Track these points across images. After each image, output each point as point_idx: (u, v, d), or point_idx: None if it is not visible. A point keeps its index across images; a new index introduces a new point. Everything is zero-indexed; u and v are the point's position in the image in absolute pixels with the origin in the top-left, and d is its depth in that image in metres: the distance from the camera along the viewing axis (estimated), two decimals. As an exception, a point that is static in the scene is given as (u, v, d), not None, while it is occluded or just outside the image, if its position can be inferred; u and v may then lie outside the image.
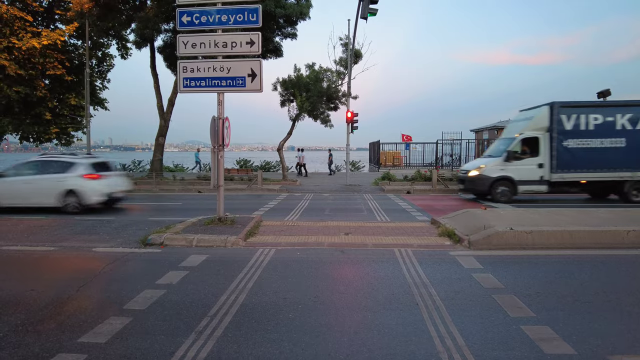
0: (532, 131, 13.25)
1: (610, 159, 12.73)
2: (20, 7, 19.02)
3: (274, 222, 8.96)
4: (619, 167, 12.76)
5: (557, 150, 12.81)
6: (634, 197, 12.94)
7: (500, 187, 13.18)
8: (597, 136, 12.74)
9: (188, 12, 7.83)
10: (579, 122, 12.75)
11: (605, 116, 12.72)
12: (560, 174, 12.93)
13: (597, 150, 12.75)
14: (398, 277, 5.11)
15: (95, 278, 5.17)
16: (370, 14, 15.94)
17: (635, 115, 12.72)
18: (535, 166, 13.08)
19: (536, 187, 13.21)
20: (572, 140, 12.79)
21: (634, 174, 12.82)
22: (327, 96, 19.97)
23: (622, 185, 12.97)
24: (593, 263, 5.73)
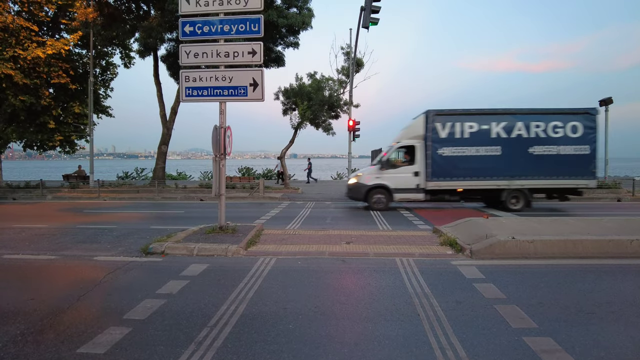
0: (408, 139, 13.32)
1: (487, 167, 12.77)
2: (26, 17, 19.30)
3: (275, 230, 8.95)
4: (496, 175, 12.77)
5: (432, 159, 12.86)
6: (511, 206, 12.95)
7: (376, 195, 13.23)
8: (472, 144, 12.78)
9: (191, 22, 7.92)
10: (454, 130, 12.80)
11: (480, 124, 12.78)
12: (435, 182, 12.96)
13: (473, 159, 12.78)
14: (399, 287, 5.07)
15: (96, 287, 5.16)
16: (372, 24, 16.07)
17: (510, 123, 12.76)
18: (411, 174, 13.13)
19: (412, 195, 13.26)
20: (447, 149, 12.83)
21: (511, 182, 12.84)
22: (329, 105, 20.07)
23: (500, 193, 12.96)
24: (596, 273, 5.69)
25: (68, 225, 10.20)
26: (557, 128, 12.69)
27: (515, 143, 12.73)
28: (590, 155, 12.75)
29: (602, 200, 16.01)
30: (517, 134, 12.74)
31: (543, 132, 12.73)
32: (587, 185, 12.97)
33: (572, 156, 12.70)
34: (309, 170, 26.49)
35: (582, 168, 12.73)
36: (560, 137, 12.72)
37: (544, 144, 12.73)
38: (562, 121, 12.72)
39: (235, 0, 7.70)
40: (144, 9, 19.43)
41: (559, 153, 12.72)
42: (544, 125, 12.72)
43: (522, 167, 12.75)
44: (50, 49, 18.32)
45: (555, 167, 12.71)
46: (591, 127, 12.76)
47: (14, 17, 18.58)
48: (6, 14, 18.31)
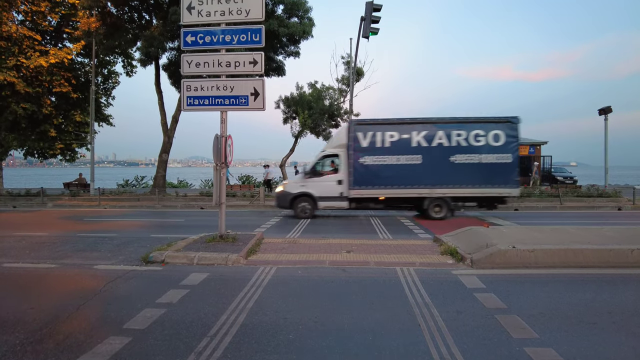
0: (333, 148, 13.45)
1: (408, 175, 12.81)
2: (29, 27, 19.50)
3: (276, 239, 8.95)
4: (417, 183, 12.81)
5: (354, 167, 12.94)
6: (434, 214, 13.01)
7: (301, 203, 13.33)
8: (393, 153, 12.85)
9: (193, 32, 8.00)
10: (375, 139, 12.88)
11: (401, 134, 12.86)
12: (357, 190, 13.02)
13: (394, 167, 12.83)
14: (400, 297, 5.06)
15: (96, 296, 5.15)
16: (372, 34, 16.20)
17: (431, 132, 12.83)
18: (335, 182, 13.22)
19: (336, 203, 13.34)
20: (368, 157, 12.90)
21: (432, 191, 12.88)
22: (329, 114, 20.18)
23: (422, 201, 13.02)
24: (598, 282, 5.67)
25: (68, 233, 10.20)
26: (478, 137, 12.74)
27: (436, 152, 12.81)
28: (513, 164, 12.78)
29: (602, 209, 16.00)
30: (438, 142, 12.81)
31: (465, 140, 12.77)
32: (509, 194, 13.02)
33: (494, 165, 12.73)
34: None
35: (504, 177, 12.74)
36: (482, 145, 12.76)
37: (465, 153, 12.77)
38: (484, 130, 12.77)
39: (237, 11, 7.78)
40: (146, 19, 19.61)
41: (481, 162, 12.75)
42: (465, 134, 12.77)
43: (444, 176, 12.81)
44: (53, 58, 18.49)
45: (477, 176, 12.76)
46: (513, 136, 12.79)
47: (17, 26, 18.78)
48: (10, 24, 18.51)
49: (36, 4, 19.01)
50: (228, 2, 7.78)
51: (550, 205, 16.31)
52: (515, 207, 16.06)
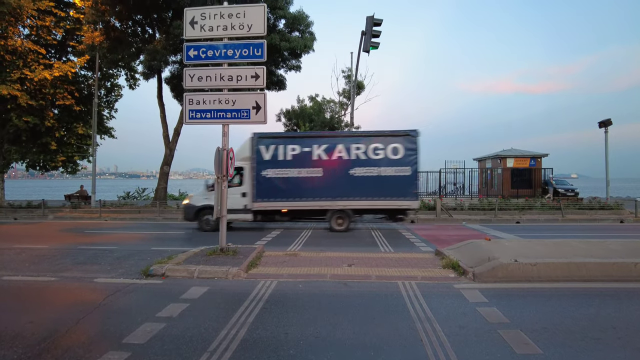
0: (238, 161, 13.32)
1: (309, 188, 12.93)
2: (34, 40, 19.75)
3: (276, 252, 8.91)
4: (319, 196, 12.88)
5: (257, 180, 13.04)
6: (336, 226, 13.11)
7: (205, 215, 13.31)
8: (295, 166, 12.96)
9: (195, 46, 8.10)
10: (277, 152, 13.02)
11: (302, 147, 12.99)
12: (260, 203, 13.09)
13: (296, 180, 12.96)
14: (402, 312, 5.01)
15: (95, 310, 5.11)
16: (372, 47, 16.39)
17: (331, 146, 12.95)
18: (239, 195, 13.21)
19: (241, 216, 13.36)
20: (271, 170, 13.02)
21: (333, 203, 12.96)
22: (330, 126, 20.27)
23: (325, 213, 13.11)
24: (601, 297, 5.62)
25: (69, 246, 10.18)
26: (377, 150, 12.85)
27: (336, 165, 12.94)
28: (412, 177, 12.87)
29: (604, 222, 15.93)
30: (338, 156, 12.95)
31: (364, 154, 12.89)
32: (409, 206, 13.06)
33: (394, 177, 12.80)
34: None
35: (403, 189, 12.81)
36: (381, 159, 12.87)
37: (364, 166, 12.87)
38: (383, 143, 12.89)
39: (239, 26, 7.88)
40: (149, 33, 19.88)
41: (380, 174, 12.82)
42: (364, 147, 12.90)
43: (344, 188, 12.90)
44: (57, 72, 18.70)
45: (376, 188, 12.83)
46: (412, 149, 12.89)
47: (23, 40, 19.05)
48: (16, 38, 18.77)
49: (41, 18, 19.30)
50: (230, 17, 7.89)
51: (552, 218, 16.25)
52: (517, 219, 16.01)
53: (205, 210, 13.28)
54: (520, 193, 25.18)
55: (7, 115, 18.93)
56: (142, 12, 18.04)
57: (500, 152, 29.31)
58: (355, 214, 13.34)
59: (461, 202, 18.78)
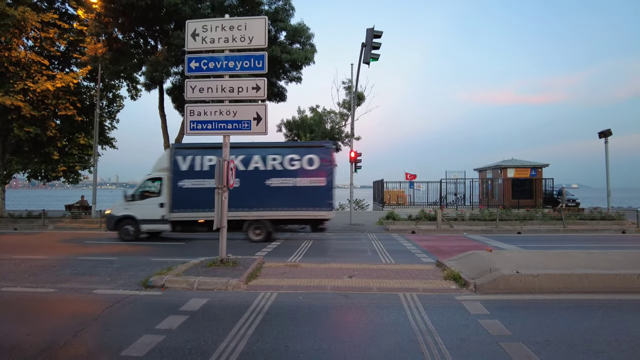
0: (158, 171, 13.62)
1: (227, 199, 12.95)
2: (38, 52, 19.94)
3: (277, 263, 8.87)
4: (236, 206, 12.71)
5: (174, 190, 13.09)
6: (253, 236, 13.16)
7: (125, 225, 13.37)
8: (211, 177, 12.58)
9: (197, 58, 8.17)
10: (194, 163, 13.10)
11: (219, 157, 13.00)
12: (177, 213, 13.12)
13: (213, 191, 12.91)
14: (403, 324, 4.97)
15: (94, 322, 5.07)
16: (373, 59, 16.51)
17: (248, 157, 13.09)
18: (157, 205, 13.29)
19: (159, 226, 13.45)
20: (187, 181, 13.07)
21: (250, 213, 13.01)
22: (331, 137, 20.35)
23: (242, 224, 13.12)
24: (604, 309, 5.57)
25: (68, 256, 10.14)
26: (293, 161, 12.98)
27: (252, 175, 13.02)
28: (327, 187, 12.97)
29: (606, 232, 15.86)
30: (254, 166, 13.07)
31: (280, 164, 13.05)
32: (324, 217, 13.11)
33: (309, 188, 12.95)
34: None
35: (318, 200, 12.91)
36: (297, 169, 13.01)
37: (280, 177, 13.01)
38: (298, 154, 13.05)
39: (240, 38, 7.96)
40: (152, 44, 20.08)
41: (296, 185, 12.96)
42: (280, 158, 13.06)
43: (261, 199, 12.98)
44: (60, 82, 18.84)
45: (292, 199, 12.94)
46: (327, 160, 13.05)
47: (26, 52, 19.24)
48: (20, 49, 18.96)
49: (45, 30, 19.50)
50: (232, 30, 7.97)
51: (553, 229, 16.19)
52: (518, 230, 15.95)
53: (125, 220, 13.42)
54: (521, 203, 25.15)
55: (10, 125, 19.03)
56: (145, 24, 18.25)
57: (500, 163, 29.35)
58: (275, 225, 13.35)
59: (462, 213, 18.73)
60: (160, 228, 13.56)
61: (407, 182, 30.31)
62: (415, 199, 30.54)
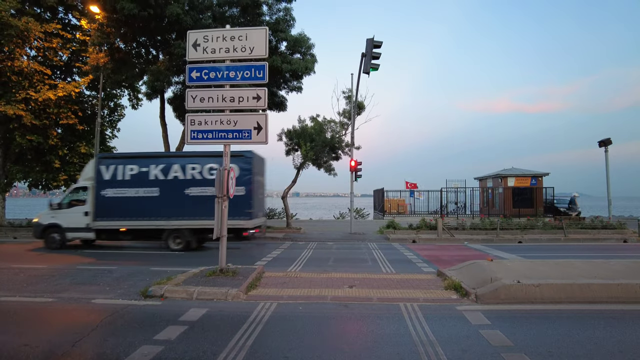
0: (84, 181, 13.84)
1: (147, 207, 13.06)
2: (40, 62, 20.09)
3: (277, 273, 8.82)
4: (155, 215, 13.00)
5: (97, 199, 13.24)
6: (173, 245, 13.24)
7: (51, 234, 13.48)
8: (133, 186, 13.17)
9: (198, 68, 8.22)
10: (117, 172, 13.22)
11: (140, 167, 13.23)
12: (101, 222, 13.25)
13: (134, 200, 13.12)
14: (404, 335, 4.93)
15: (93, 332, 5.04)
16: (373, 69, 16.62)
17: (167, 166, 13.20)
18: (82, 214, 13.45)
19: (84, 234, 13.61)
20: (110, 190, 13.19)
21: (169, 222, 13.08)
22: (331, 146, 20.37)
23: (162, 233, 13.21)
24: (606, 319, 5.52)
25: (68, 265, 10.10)
26: (213, 170, 12.91)
27: (172, 185, 13.10)
28: (246, 196, 12.94)
29: (607, 242, 15.80)
30: (174, 175, 13.12)
31: (199, 174, 13.06)
32: (243, 226, 12.99)
33: None
34: None
35: (238, 208, 12.71)
36: None
37: (200, 186, 13.02)
38: (218, 163, 12.96)
39: (241, 48, 8.02)
40: (153, 54, 20.22)
41: (215, 194, 12.87)
42: (200, 167, 13.08)
43: (180, 208, 13.00)
44: (61, 92, 18.93)
45: (211, 208, 12.92)
46: (247, 169, 13.07)
47: (29, 61, 19.38)
48: (22, 59, 19.10)
49: (48, 40, 19.65)
50: (233, 40, 8.04)
51: (554, 238, 16.13)
52: (519, 239, 15.90)
53: (51, 228, 13.51)
54: (522, 212, 25.09)
55: (11, 134, 19.10)
56: (147, 34, 18.41)
57: (501, 172, 29.36)
58: (196, 234, 13.34)
59: (463, 222, 18.69)
60: (86, 236, 13.73)
61: (408, 190, 30.31)
62: (415, 208, 30.52)
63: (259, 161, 14.04)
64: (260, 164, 14.33)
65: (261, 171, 14.58)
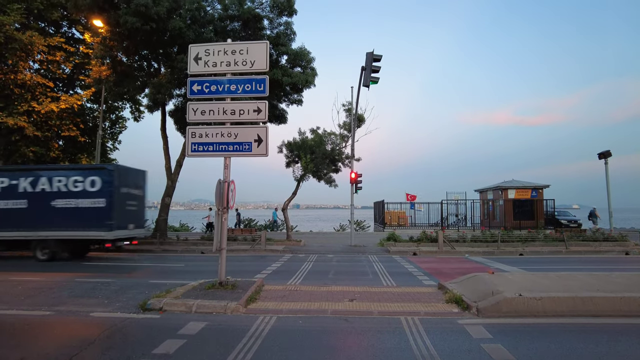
0: None
1: (15, 219, 13.43)
2: (43, 74, 20.29)
3: (276, 286, 8.76)
4: (23, 227, 13.34)
5: None
6: (40, 256, 13.49)
7: None
8: (2, 198, 13.59)
9: (199, 81, 8.30)
10: None
11: (10, 180, 13.67)
12: None
13: (3, 211, 13.52)
14: (405, 350, 4.87)
15: (90, 346, 4.98)
16: (372, 82, 16.76)
17: (35, 179, 13.57)
18: None
19: None
20: None
21: (35, 234, 13.38)
22: (331, 158, 20.42)
23: (29, 244, 13.53)
24: (610, 333, 5.46)
25: (66, 278, 10.04)
26: (77, 182, 13.46)
27: (39, 197, 13.46)
28: (106, 208, 13.33)
29: (609, 254, 15.70)
30: (41, 188, 13.52)
31: (64, 186, 13.49)
32: (103, 237, 13.34)
33: (91, 209, 13.38)
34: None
35: (99, 220, 13.28)
36: (80, 191, 13.48)
37: (65, 198, 13.44)
38: (82, 176, 13.56)
39: (242, 62, 8.11)
40: (155, 67, 20.40)
41: (78, 206, 13.41)
42: (65, 180, 13.50)
43: (46, 220, 13.35)
44: (64, 104, 19.09)
45: (75, 219, 13.39)
46: (109, 182, 13.46)
47: (32, 74, 19.57)
48: (26, 72, 19.29)
49: (52, 53, 19.88)
50: (234, 54, 8.13)
51: (555, 250, 16.04)
52: (520, 251, 15.81)
53: None
54: (523, 224, 25.00)
55: (14, 146, 19.18)
56: (149, 47, 18.59)
57: (501, 184, 29.35)
58: (62, 245, 13.61)
59: (463, 234, 18.62)
60: None
61: (408, 202, 30.24)
62: (416, 220, 30.41)
63: (128, 174, 14.63)
64: (133, 177, 14.90)
65: (136, 184, 15.02)
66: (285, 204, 21.57)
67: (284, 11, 18.21)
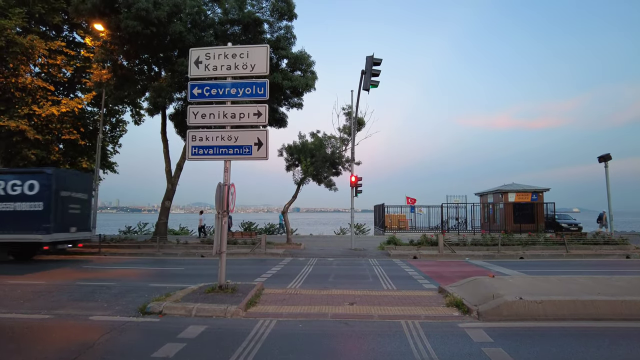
0: None
1: None
2: (44, 78, 20.35)
3: (276, 289, 8.74)
4: None
5: None
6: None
7: None
8: None
9: (199, 85, 8.32)
10: None
11: None
12: None
13: None
14: (405, 353, 4.85)
15: (89, 350, 4.96)
16: (372, 86, 16.81)
17: None
18: None
19: None
20: None
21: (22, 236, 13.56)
22: (331, 161, 20.43)
23: None
24: (611, 337, 5.44)
25: (66, 281, 10.02)
26: (15, 186, 13.64)
27: None
28: (44, 211, 13.49)
29: (610, 257, 15.68)
30: None
31: (3, 190, 13.66)
32: (40, 240, 13.45)
33: (29, 212, 13.55)
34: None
35: (37, 223, 13.42)
36: (18, 194, 13.64)
37: (3, 201, 13.61)
38: (21, 180, 13.70)
39: (243, 66, 8.13)
40: (155, 71, 20.46)
41: (16, 209, 13.58)
42: (4, 184, 13.68)
43: None
44: (64, 107, 19.13)
45: (13, 223, 13.54)
46: (47, 186, 13.60)
47: (33, 78, 19.63)
48: (26, 76, 19.35)
49: (53, 57, 19.94)
50: (234, 58, 8.15)
51: (556, 254, 16.02)
52: (521, 255, 15.79)
53: None
54: (523, 228, 24.99)
55: (14, 149, 19.21)
56: (149, 51, 18.65)
57: (501, 187, 29.35)
58: (2, 248, 13.76)
59: (464, 238, 18.60)
60: None
61: (408, 206, 30.24)
62: (416, 223, 30.39)
63: (70, 177, 14.92)
64: (76, 180, 15.13)
65: (80, 187, 15.15)
66: (285, 207, 21.56)
67: (284, 15, 18.30)
